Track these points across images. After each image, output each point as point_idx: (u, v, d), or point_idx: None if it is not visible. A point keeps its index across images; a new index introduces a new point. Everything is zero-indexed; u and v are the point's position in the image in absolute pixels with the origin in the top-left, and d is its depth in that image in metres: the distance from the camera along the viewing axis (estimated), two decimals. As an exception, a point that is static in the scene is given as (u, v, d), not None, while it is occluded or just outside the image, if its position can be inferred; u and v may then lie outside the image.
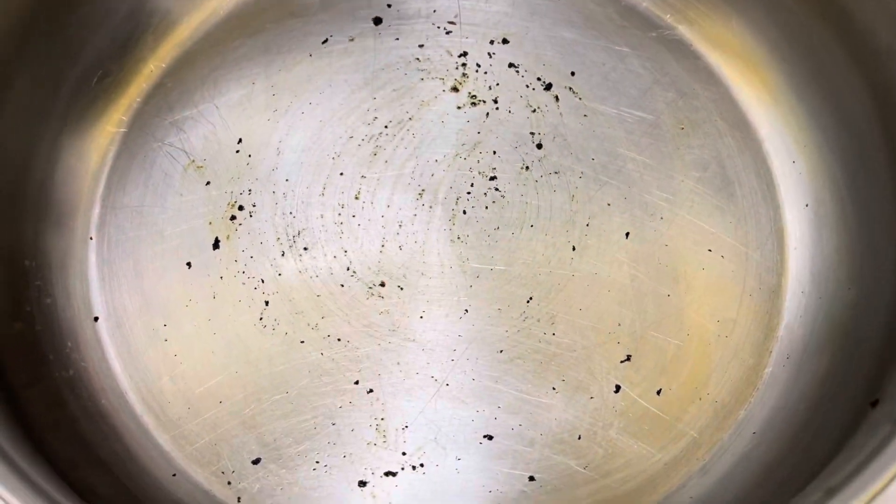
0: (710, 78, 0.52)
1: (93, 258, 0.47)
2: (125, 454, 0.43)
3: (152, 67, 0.51)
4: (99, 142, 0.49)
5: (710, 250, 0.48)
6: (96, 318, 0.46)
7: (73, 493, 0.33)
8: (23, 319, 0.43)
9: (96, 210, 0.48)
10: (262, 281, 0.47)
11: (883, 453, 0.30)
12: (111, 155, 0.49)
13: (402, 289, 0.47)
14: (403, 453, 0.45)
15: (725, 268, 0.48)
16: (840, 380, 0.43)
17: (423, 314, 0.46)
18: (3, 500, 0.29)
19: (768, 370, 0.46)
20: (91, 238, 0.47)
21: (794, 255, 0.48)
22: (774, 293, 0.48)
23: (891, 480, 0.29)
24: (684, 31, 0.53)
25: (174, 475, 0.44)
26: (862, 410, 0.37)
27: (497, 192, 0.49)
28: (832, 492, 0.30)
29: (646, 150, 0.50)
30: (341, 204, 0.48)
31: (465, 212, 0.48)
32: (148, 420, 0.44)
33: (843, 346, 0.44)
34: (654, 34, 0.53)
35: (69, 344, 0.45)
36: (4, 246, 0.43)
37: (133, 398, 0.45)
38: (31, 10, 0.44)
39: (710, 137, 0.50)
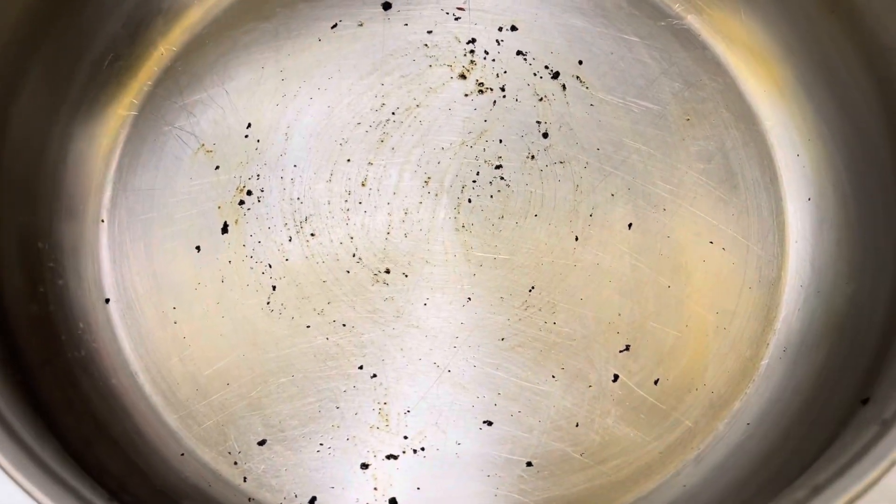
0: (717, 69, 0.52)
1: (104, 240, 0.48)
2: (135, 433, 0.44)
3: (163, 51, 0.51)
4: (110, 125, 0.50)
5: (711, 242, 0.49)
6: (107, 300, 0.47)
7: (84, 473, 0.34)
8: (37, 301, 0.44)
9: (107, 193, 0.49)
10: (270, 266, 0.48)
11: (868, 455, 0.31)
12: (122, 138, 0.50)
13: (406, 276, 0.48)
14: (405, 437, 0.46)
15: (726, 260, 0.48)
16: (835, 375, 0.43)
17: (426, 301, 0.47)
18: (14, 480, 0.30)
19: (765, 362, 0.47)
20: (102, 221, 0.48)
21: (794, 248, 0.49)
22: (774, 286, 0.48)
23: (873, 483, 0.30)
24: (693, 20, 0.53)
25: (182, 454, 0.45)
26: (853, 408, 0.38)
27: (502, 180, 0.49)
28: (818, 490, 0.31)
29: (651, 140, 0.50)
30: (348, 190, 0.49)
31: (470, 200, 0.49)
32: (157, 400, 0.46)
33: (840, 342, 0.44)
34: (662, 23, 0.53)
35: (81, 325, 0.46)
36: (19, 228, 0.44)
37: (143, 379, 0.46)
38: (44, -5, 0.45)
39: (715, 129, 0.51)
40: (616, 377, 0.47)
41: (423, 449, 0.46)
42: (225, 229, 0.48)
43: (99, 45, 0.49)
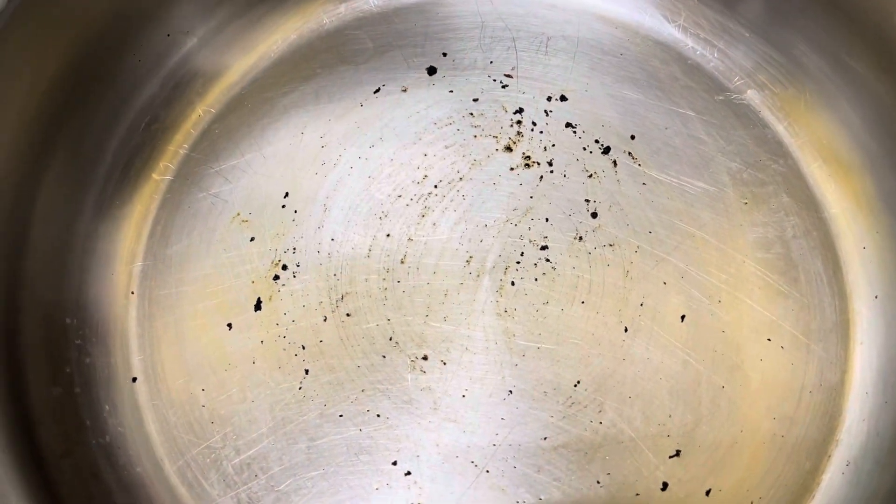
0: (778, 149, 0.49)
1: (133, 314, 0.46)
2: (158, 528, 0.42)
3: (200, 112, 0.50)
4: (144, 191, 0.48)
5: (769, 339, 0.46)
6: (134, 379, 0.45)
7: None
8: (62, 383, 0.42)
9: (138, 263, 0.47)
10: (303, 347, 0.46)
11: None
12: (155, 205, 0.48)
13: (444, 364, 0.45)
14: (439, 541, 0.43)
15: (785, 360, 0.45)
16: (905, 502, 0.40)
17: (465, 393, 0.45)
18: None
19: (826, 476, 0.44)
20: (132, 293, 0.46)
21: (859, 350, 0.46)
22: (836, 391, 0.45)
23: None
24: (753, 95, 0.50)
25: (206, 551, 0.43)
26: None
27: (548, 262, 0.47)
28: None
29: (706, 225, 0.48)
30: (387, 268, 0.47)
31: (513, 283, 0.47)
32: (183, 491, 0.43)
33: (910, 462, 0.41)
34: (720, 97, 0.50)
35: (107, 407, 0.44)
36: (47, 304, 0.43)
37: (169, 468, 0.44)
38: (84, 57, 0.44)
39: (775, 214, 0.48)
40: (665, 485, 0.44)
41: (457, 556, 0.43)
42: (258, 306, 0.46)
43: (136, 107, 0.48)
